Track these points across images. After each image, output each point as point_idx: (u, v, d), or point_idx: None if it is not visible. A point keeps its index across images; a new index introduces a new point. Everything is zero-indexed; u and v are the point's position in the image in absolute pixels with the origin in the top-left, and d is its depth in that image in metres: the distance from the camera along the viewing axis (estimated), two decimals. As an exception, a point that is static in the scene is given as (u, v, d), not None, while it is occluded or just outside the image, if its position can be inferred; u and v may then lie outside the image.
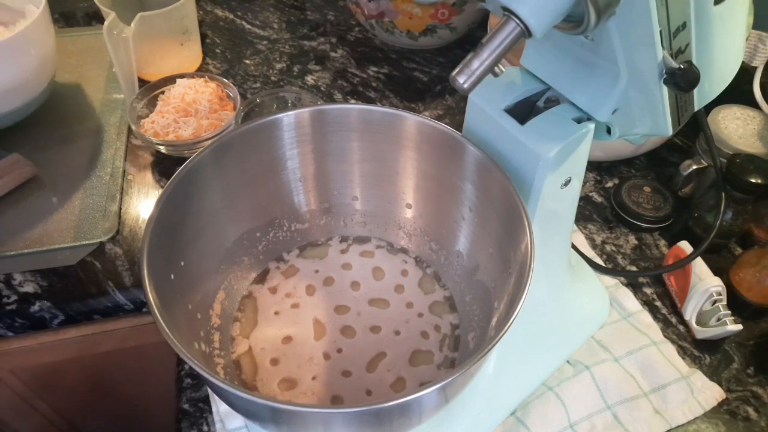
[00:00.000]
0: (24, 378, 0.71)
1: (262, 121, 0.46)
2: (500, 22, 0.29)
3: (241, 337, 0.49)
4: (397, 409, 0.32)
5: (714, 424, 0.51)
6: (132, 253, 0.61)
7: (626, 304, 0.59)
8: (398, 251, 0.55)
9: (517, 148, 0.40)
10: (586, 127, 0.39)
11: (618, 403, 0.51)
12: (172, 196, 0.41)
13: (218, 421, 0.50)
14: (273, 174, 0.50)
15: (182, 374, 0.53)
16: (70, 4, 0.94)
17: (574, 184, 0.43)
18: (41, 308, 0.58)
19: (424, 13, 0.80)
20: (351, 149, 0.50)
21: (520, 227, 0.38)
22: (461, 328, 0.50)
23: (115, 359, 0.71)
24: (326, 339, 0.49)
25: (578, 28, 0.30)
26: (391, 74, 0.85)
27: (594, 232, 0.66)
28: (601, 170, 0.73)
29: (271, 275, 0.53)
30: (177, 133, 0.67)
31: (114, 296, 0.59)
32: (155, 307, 0.34)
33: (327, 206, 0.54)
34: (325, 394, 0.46)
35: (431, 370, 0.48)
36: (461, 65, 0.30)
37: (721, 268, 0.58)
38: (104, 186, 0.67)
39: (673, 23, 0.33)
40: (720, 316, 0.54)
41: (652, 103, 0.37)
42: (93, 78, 0.81)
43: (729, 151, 0.61)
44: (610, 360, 0.54)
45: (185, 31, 0.78)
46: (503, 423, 0.50)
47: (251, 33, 0.91)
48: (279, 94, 0.73)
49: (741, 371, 0.55)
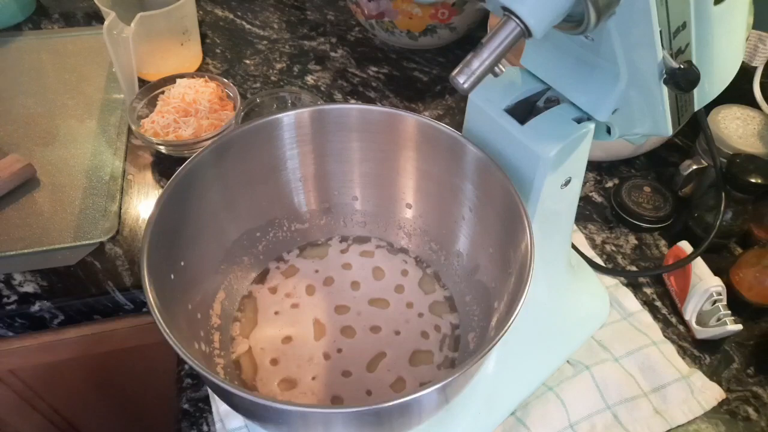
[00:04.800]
0: (24, 378, 0.72)
1: (262, 121, 0.46)
2: (500, 22, 0.29)
3: (241, 337, 0.49)
4: (397, 409, 0.32)
5: (714, 424, 0.51)
6: (132, 253, 0.61)
7: (626, 304, 0.59)
8: (398, 251, 0.55)
9: (517, 148, 0.40)
10: (586, 127, 0.39)
11: (618, 403, 0.51)
12: (172, 196, 0.41)
13: (218, 421, 0.50)
14: (273, 174, 0.50)
15: (182, 374, 0.53)
16: (70, 4, 0.94)
17: (574, 184, 0.43)
18: (41, 308, 0.58)
19: (424, 13, 0.80)
20: (351, 149, 0.50)
21: (520, 227, 0.38)
22: (461, 328, 0.50)
23: (115, 359, 0.71)
24: (326, 339, 0.49)
25: (578, 28, 0.30)
26: (391, 74, 0.85)
27: (594, 232, 0.66)
28: (601, 170, 0.73)
29: (271, 275, 0.53)
30: (177, 133, 0.67)
31: (114, 296, 0.59)
32: (155, 307, 0.34)
33: (327, 206, 0.54)
34: (325, 394, 0.46)
35: (431, 370, 0.48)
36: (461, 65, 0.30)
37: (721, 268, 0.58)
38: (104, 186, 0.67)
39: (673, 23, 0.33)
40: (720, 316, 0.54)
41: (652, 103, 0.37)
42: (93, 78, 0.81)
43: (729, 151, 0.61)
44: (610, 360, 0.54)
45: (185, 31, 0.78)
46: (503, 423, 0.50)
47: (251, 33, 0.91)
48: (279, 94, 0.73)
49: (741, 371, 0.55)
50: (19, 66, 0.83)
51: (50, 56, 0.85)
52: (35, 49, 0.86)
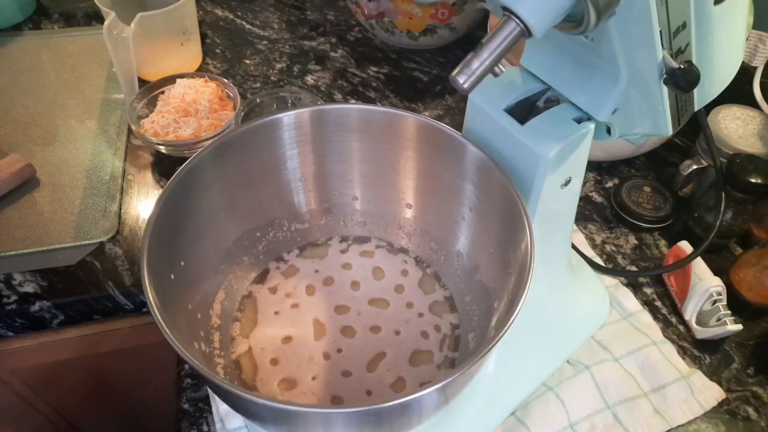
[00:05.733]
0: (24, 378, 0.71)
1: (262, 121, 0.46)
2: (500, 22, 0.29)
3: (241, 337, 0.49)
4: (397, 409, 0.32)
5: (714, 424, 0.51)
6: (132, 253, 0.61)
7: (626, 304, 0.59)
8: (398, 251, 0.55)
9: (517, 148, 0.40)
10: (586, 127, 0.39)
11: (618, 403, 0.51)
12: (172, 196, 0.41)
13: (218, 421, 0.50)
14: (273, 174, 0.50)
15: (182, 374, 0.53)
16: (70, 4, 0.94)
17: (574, 184, 0.43)
18: (41, 308, 0.58)
19: (424, 13, 0.80)
20: (351, 149, 0.50)
21: (520, 227, 0.38)
22: (461, 328, 0.50)
23: (115, 359, 0.71)
24: (326, 339, 0.49)
25: (578, 28, 0.30)
26: (391, 74, 0.85)
27: (594, 232, 0.66)
28: (601, 170, 0.73)
29: (271, 275, 0.53)
30: (177, 133, 0.67)
31: (114, 296, 0.59)
32: (155, 307, 0.34)
33: (327, 206, 0.54)
34: (325, 394, 0.46)
35: (431, 370, 0.48)
36: (461, 65, 0.30)
37: (721, 268, 0.58)
38: (104, 186, 0.67)
39: (673, 23, 0.33)
40: (720, 316, 0.54)
41: (652, 103, 0.37)
42: (93, 78, 0.81)
43: (729, 151, 0.61)
44: (610, 360, 0.54)
45: (185, 31, 0.78)
46: (503, 423, 0.50)
47: (251, 33, 0.91)
48: (279, 94, 0.73)
49: (741, 371, 0.55)
50: (19, 66, 0.83)
51: (50, 56, 0.85)
52: (35, 49, 0.86)
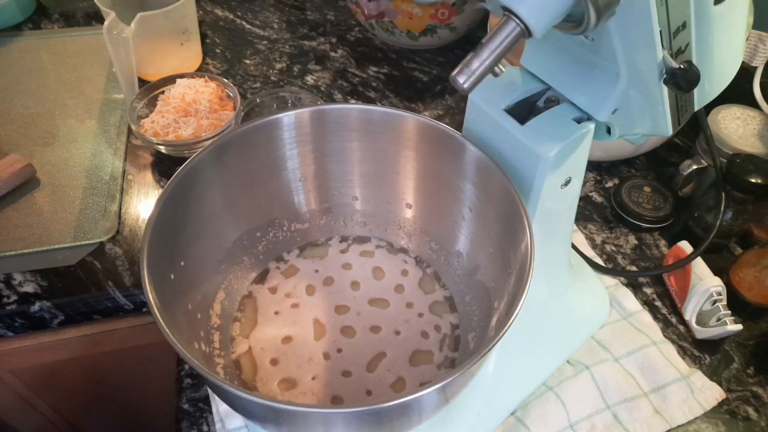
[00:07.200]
0: (24, 378, 0.72)
1: (262, 121, 0.46)
2: (500, 22, 0.29)
3: (241, 337, 0.49)
4: (397, 409, 0.32)
5: (714, 424, 0.51)
6: (132, 253, 0.61)
7: (626, 304, 0.59)
8: (398, 251, 0.55)
9: (517, 148, 0.40)
10: (586, 127, 0.39)
11: (618, 403, 0.51)
12: (172, 196, 0.41)
13: (218, 421, 0.50)
14: (273, 174, 0.50)
15: (182, 374, 0.53)
16: (70, 4, 0.94)
17: (574, 184, 0.43)
18: (41, 308, 0.58)
19: (424, 13, 0.80)
20: (351, 149, 0.50)
21: (520, 227, 0.38)
22: (461, 328, 0.50)
23: (115, 359, 0.71)
24: (326, 339, 0.49)
25: (578, 28, 0.30)
26: (391, 74, 0.85)
27: (594, 232, 0.66)
28: (601, 170, 0.73)
29: (271, 275, 0.53)
30: (177, 133, 0.67)
31: (114, 296, 0.59)
32: (155, 307, 0.34)
33: (327, 206, 0.54)
34: (325, 394, 0.46)
35: (431, 370, 0.48)
36: (461, 65, 0.30)
37: (721, 268, 0.58)
38: (104, 186, 0.67)
39: (673, 23, 0.33)
40: (720, 316, 0.54)
41: (652, 103, 0.37)
42: (93, 78, 0.81)
43: (729, 151, 0.61)
44: (610, 360, 0.54)
45: (185, 31, 0.78)
46: (503, 423, 0.50)
47: (251, 33, 0.91)
48: (279, 94, 0.73)
49: (741, 371, 0.55)
50: (19, 66, 0.83)
51: (50, 56, 0.85)
52: (35, 49, 0.86)
